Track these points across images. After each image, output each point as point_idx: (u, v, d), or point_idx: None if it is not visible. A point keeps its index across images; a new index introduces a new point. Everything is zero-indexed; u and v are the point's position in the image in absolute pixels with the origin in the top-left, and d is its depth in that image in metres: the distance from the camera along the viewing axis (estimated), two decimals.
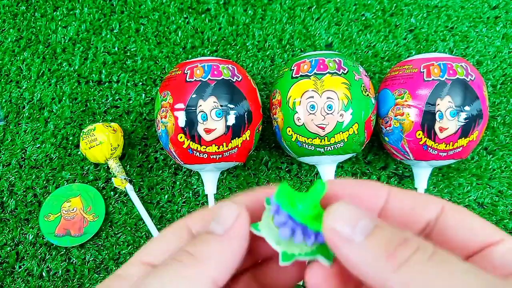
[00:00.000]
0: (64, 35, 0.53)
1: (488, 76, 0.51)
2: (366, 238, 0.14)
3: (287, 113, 0.40)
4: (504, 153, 0.48)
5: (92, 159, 0.45)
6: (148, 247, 0.18)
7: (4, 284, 0.44)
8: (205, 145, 0.39)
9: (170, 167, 0.48)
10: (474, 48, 0.52)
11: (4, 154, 0.49)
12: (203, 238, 0.16)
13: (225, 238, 0.16)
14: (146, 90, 0.51)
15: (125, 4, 0.54)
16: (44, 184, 0.47)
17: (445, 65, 0.39)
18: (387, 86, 0.43)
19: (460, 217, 0.16)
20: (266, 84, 0.51)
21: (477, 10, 0.54)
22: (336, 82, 0.39)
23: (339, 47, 0.52)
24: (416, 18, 0.53)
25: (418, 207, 0.16)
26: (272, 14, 0.54)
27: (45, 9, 0.54)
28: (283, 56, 0.52)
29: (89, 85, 0.51)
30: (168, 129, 0.40)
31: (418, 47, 0.52)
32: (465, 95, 0.38)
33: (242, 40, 0.53)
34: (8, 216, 0.46)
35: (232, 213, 0.16)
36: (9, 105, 0.51)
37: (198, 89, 0.39)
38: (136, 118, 0.50)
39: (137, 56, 0.52)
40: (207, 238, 0.16)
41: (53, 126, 0.50)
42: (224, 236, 0.16)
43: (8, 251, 0.45)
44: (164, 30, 0.53)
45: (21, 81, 0.51)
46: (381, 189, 0.17)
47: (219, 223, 0.16)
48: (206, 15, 0.54)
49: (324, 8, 0.54)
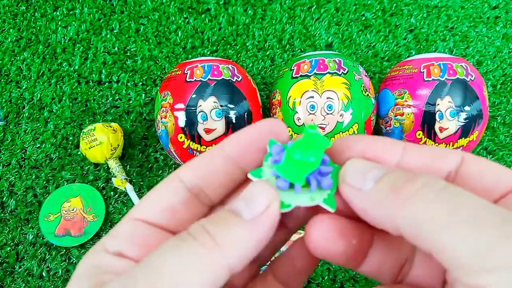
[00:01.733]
0: (64, 35, 0.53)
1: (488, 76, 0.51)
2: (376, 183, 0.14)
3: (287, 113, 0.40)
4: (504, 153, 0.48)
5: (92, 159, 0.45)
6: (141, 205, 0.16)
7: (4, 284, 0.44)
8: (205, 145, 0.39)
9: (170, 167, 0.48)
10: (474, 48, 0.52)
11: (4, 154, 0.49)
12: (226, 219, 0.14)
13: (252, 226, 0.14)
14: (146, 90, 0.51)
15: (125, 4, 0.54)
16: (44, 184, 0.47)
17: (445, 65, 0.39)
18: (387, 86, 0.43)
19: (482, 165, 0.15)
20: (266, 84, 0.51)
21: (477, 10, 0.54)
22: (336, 82, 0.39)
23: (339, 47, 0.52)
24: (416, 18, 0.53)
25: (437, 159, 0.15)
26: (272, 14, 0.54)
27: (45, 9, 0.54)
28: (283, 56, 0.52)
29: (89, 85, 0.51)
30: (168, 129, 0.40)
31: (418, 47, 0.52)
32: (465, 95, 0.38)
33: (242, 40, 0.53)
34: (8, 216, 0.46)
35: (264, 199, 0.14)
36: (9, 105, 0.51)
37: (198, 89, 0.39)
38: (136, 118, 0.50)
39: (137, 56, 0.52)
40: (231, 220, 0.14)
41: (53, 126, 0.50)
42: (252, 223, 0.14)
43: (8, 251, 0.45)
44: (164, 30, 0.53)
45: (21, 81, 0.51)
46: (396, 144, 0.16)
47: (249, 206, 0.14)
48: (206, 15, 0.54)
49: (324, 8, 0.54)
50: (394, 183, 0.14)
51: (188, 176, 0.16)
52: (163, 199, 0.16)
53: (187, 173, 0.17)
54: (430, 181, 0.13)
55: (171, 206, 0.16)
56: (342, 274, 0.44)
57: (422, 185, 0.13)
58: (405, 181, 0.13)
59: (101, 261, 0.15)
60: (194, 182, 0.16)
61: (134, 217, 0.16)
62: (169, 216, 0.16)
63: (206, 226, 0.14)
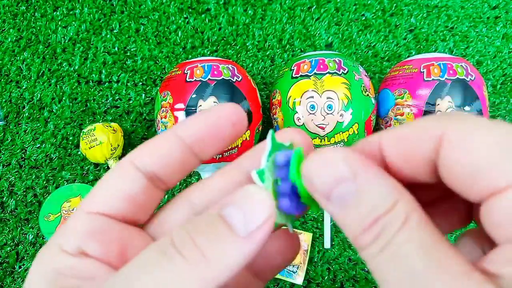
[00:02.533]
0: (64, 35, 0.53)
1: (488, 76, 0.51)
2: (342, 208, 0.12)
3: (287, 113, 0.40)
4: None
5: (92, 159, 0.45)
6: (93, 196, 0.15)
7: (4, 284, 0.44)
8: None
9: None
10: (474, 48, 0.52)
11: (4, 154, 0.49)
12: (217, 230, 0.13)
13: (245, 242, 0.13)
14: (146, 90, 0.51)
15: (125, 4, 0.54)
16: (44, 184, 0.47)
17: (445, 65, 0.39)
18: (387, 86, 0.43)
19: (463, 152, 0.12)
20: (266, 84, 0.51)
21: (477, 10, 0.54)
22: (336, 82, 0.39)
23: (339, 47, 0.52)
24: (416, 18, 0.53)
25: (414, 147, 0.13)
26: (272, 14, 0.54)
27: (45, 9, 0.54)
28: (283, 56, 0.52)
29: (89, 85, 0.51)
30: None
31: (418, 47, 0.52)
32: (465, 95, 0.38)
33: (242, 40, 0.53)
34: (8, 216, 0.46)
35: (262, 213, 0.13)
36: (9, 105, 0.51)
37: (198, 89, 0.39)
38: (136, 118, 0.50)
39: (137, 56, 0.52)
40: (223, 233, 0.13)
41: (53, 126, 0.50)
42: (246, 239, 0.13)
43: (8, 251, 0.45)
44: (164, 30, 0.53)
45: (21, 81, 0.51)
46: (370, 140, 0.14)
47: (243, 217, 0.13)
48: (206, 15, 0.54)
49: (324, 8, 0.54)
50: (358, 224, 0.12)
51: (142, 162, 0.15)
52: (118, 188, 0.15)
53: (140, 158, 0.15)
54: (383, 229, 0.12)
55: (128, 194, 0.15)
56: (342, 274, 0.44)
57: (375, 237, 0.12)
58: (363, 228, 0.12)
59: (60, 264, 0.13)
60: (148, 168, 0.15)
61: (88, 211, 0.14)
62: (127, 205, 0.15)
63: (194, 236, 0.13)
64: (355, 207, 0.12)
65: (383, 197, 0.12)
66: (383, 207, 0.12)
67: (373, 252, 0.12)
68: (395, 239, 0.11)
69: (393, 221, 0.12)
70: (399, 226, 0.11)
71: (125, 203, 0.15)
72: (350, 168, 0.12)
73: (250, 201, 0.13)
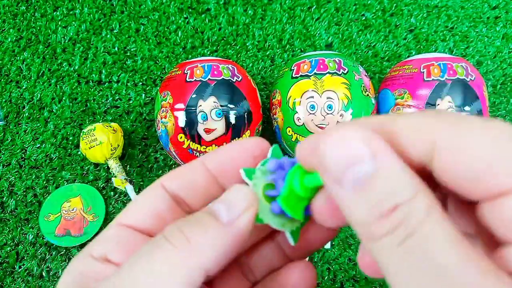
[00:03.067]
0: (64, 35, 0.53)
1: (488, 76, 0.51)
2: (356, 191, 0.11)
3: (287, 113, 0.40)
4: None
5: (92, 159, 0.45)
6: (127, 211, 0.17)
7: (4, 284, 0.44)
8: (205, 145, 0.39)
9: (170, 167, 0.48)
10: (474, 48, 0.52)
11: (4, 154, 0.49)
12: (202, 219, 0.14)
13: (228, 228, 0.14)
14: (146, 90, 0.51)
15: (125, 4, 0.54)
16: (44, 184, 0.47)
17: (445, 65, 0.39)
18: (387, 86, 0.43)
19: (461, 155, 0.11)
20: (266, 84, 0.51)
21: (477, 10, 0.54)
22: (336, 82, 0.39)
23: (339, 47, 0.52)
24: (416, 18, 0.53)
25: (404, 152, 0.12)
26: (272, 14, 0.54)
27: (45, 9, 0.54)
28: (283, 56, 0.52)
29: (89, 85, 0.51)
30: (168, 129, 0.40)
31: (418, 47, 0.52)
32: (465, 95, 0.38)
33: (242, 40, 0.53)
34: (8, 216, 0.46)
35: (243, 202, 0.14)
36: (9, 105, 0.51)
37: (198, 89, 0.39)
38: (136, 118, 0.50)
39: (137, 56, 0.52)
40: (207, 221, 0.14)
41: (53, 126, 0.50)
42: (228, 226, 0.14)
43: (8, 251, 0.45)
44: (164, 30, 0.53)
45: (21, 81, 0.51)
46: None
47: (226, 208, 0.14)
48: (206, 15, 0.54)
49: (324, 8, 0.54)
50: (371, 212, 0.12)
51: (171, 185, 0.17)
52: (148, 205, 0.16)
53: (170, 182, 0.17)
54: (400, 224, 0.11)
55: (156, 212, 0.16)
56: (342, 274, 0.44)
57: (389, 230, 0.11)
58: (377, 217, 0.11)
59: (86, 268, 0.15)
60: (176, 191, 0.17)
61: (121, 223, 0.16)
62: (154, 221, 0.16)
63: (181, 227, 0.14)
64: (372, 191, 0.11)
65: (404, 184, 0.11)
66: (405, 195, 0.11)
67: (390, 243, 0.11)
68: (420, 231, 0.10)
69: (415, 211, 0.11)
70: (422, 217, 0.11)
71: (151, 219, 0.16)
72: (369, 148, 0.11)
73: (233, 194, 0.15)
